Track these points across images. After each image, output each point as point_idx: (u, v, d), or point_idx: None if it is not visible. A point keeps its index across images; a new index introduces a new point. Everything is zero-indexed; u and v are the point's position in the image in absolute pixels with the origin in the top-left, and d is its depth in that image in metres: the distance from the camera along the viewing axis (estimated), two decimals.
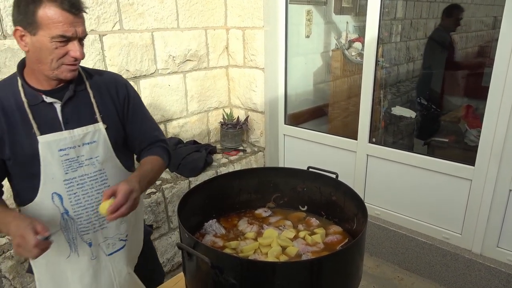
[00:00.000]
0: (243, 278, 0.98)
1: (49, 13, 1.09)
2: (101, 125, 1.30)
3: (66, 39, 1.13)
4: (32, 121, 1.20)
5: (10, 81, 1.24)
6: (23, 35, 1.14)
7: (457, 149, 3.28)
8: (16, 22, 1.15)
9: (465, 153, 3.13)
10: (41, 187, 1.23)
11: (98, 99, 1.32)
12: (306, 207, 1.51)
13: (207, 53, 3.18)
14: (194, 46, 3.05)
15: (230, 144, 3.28)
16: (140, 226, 1.54)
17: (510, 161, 2.21)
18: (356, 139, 2.88)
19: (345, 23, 3.71)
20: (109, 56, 2.53)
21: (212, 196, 1.42)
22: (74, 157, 1.25)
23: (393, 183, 2.77)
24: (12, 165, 1.24)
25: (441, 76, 3.65)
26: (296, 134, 3.28)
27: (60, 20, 1.10)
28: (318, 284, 1.00)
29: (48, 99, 1.23)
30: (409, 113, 3.49)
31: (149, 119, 1.50)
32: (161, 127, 2.59)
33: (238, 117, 3.36)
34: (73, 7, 1.12)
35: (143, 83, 2.78)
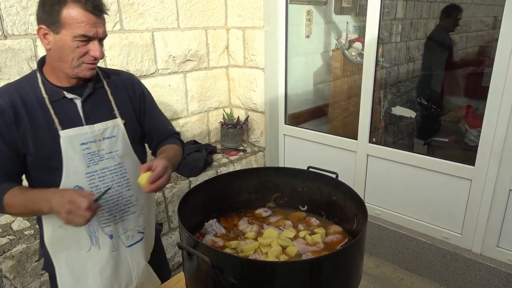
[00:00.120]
0: (243, 277, 0.98)
1: (73, 13, 1.14)
2: (119, 121, 1.35)
3: (87, 39, 1.18)
4: (53, 117, 1.24)
5: (29, 78, 1.28)
6: (47, 34, 1.19)
7: (457, 149, 3.29)
8: (40, 21, 1.19)
9: (465, 153, 3.13)
10: (63, 180, 1.26)
11: (115, 96, 1.37)
12: (306, 207, 1.51)
13: (207, 53, 3.18)
14: (194, 46, 3.05)
15: (230, 144, 3.28)
16: (152, 222, 1.57)
17: (510, 161, 2.21)
18: (356, 139, 2.88)
19: (345, 23, 3.71)
20: (109, 56, 2.53)
21: (212, 196, 1.42)
22: (95, 151, 1.29)
23: (393, 183, 2.77)
24: (33, 160, 1.26)
25: (441, 76, 3.65)
26: (296, 134, 3.28)
27: (83, 20, 1.15)
28: (318, 283, 1.00)
29: (69, 95, 1.27)
30: (409, 113, 3.50)
31: (162, 115, 1.58)
32: None
33: (238, 117, 3.36)
34: (96, 9, 1.17)
35: (143, 83, 2.77)
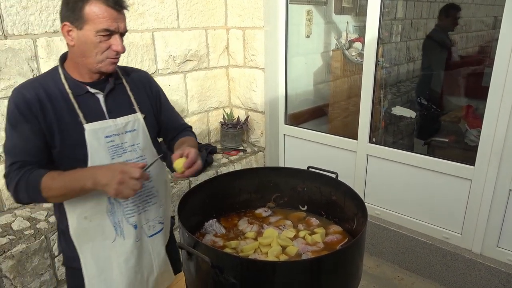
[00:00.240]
0: (243, 277, 0.98)
1: (95, 9, 1.19)
2: (139, 115, 1.40)
3: (109, 33, 1.23)
4: (78, 111, 1.28)
5: (51, 74, 1.32)
6: (70, 30, 1.23)
7: (457, 149, 3.28)
8: (64, 18, 1.24)
9: (465, 153, 3.13)
10: None
11: (134, 92, 1.42)
12: (306, 207, 1.52)
13: (207, 53, 3.18)
14: (194, 46, 3.06)
15: (230, 144, 3.28)
16: (169, 214, 1.59)
17: (510, 161, 2.21)
18: (356, 139, 2.89)
19: (345, 23, 3.71)
20: None
21: (212, 196, 1.42)
22: (119, 144, 1.34)
23: (393, 183, 2.77)
24: (58, 152, 1.29)
25: (440, 76, 3.65)
26: (296, 134, 3.29)
27: (105, 15, 1.20)
28: (317, 283, 1.01)
29: (92, 90, 1.32)
30: (409, 113, 3.49)
31: (175, 110, 1.64)
32: None
33: (238, 117, 3.36)
34: (117, 4, 1.23)
35: None
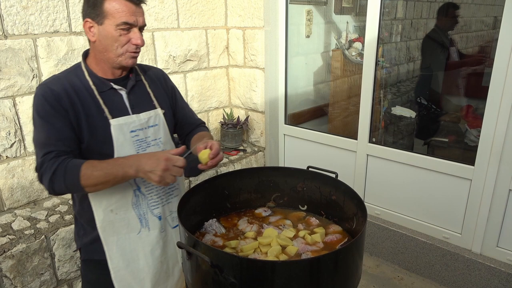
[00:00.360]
0: (243, 277, 0.98)
1: (114, 3, 1.25)
2: (159, 111, 1.45)
3: (128, 26, 1.27)
4: (103, 106, 1.32)
5: (75, 70, 1.36)
6: (91, 26, 1.28)
7: (457, 149, 3.28)
8: (85, 15, 1.29)
9: (465, 153, 3.13)
10: None
11: (152, 89, 1.47)
12: (306, 207, 1.52)
13: (207, 53, 3.18)
14: (194, 46, 3.06)
15: (230, 144, 3.28)
16: None
17: (510, 161, 2.21)
18: (356, 139, 2.89)
19: (345, 23, 3.71)
20: None
21: (212, 195, 1.43)
22: (143, 138, 1.39)
23: (393, 183, 2.77)
24: (85, 147, 1.32)
25: (439, 75, 3.65)
26: (296, 134, 3.29)
27: (124, 9, 1.25)
28: (317, 283, 1.01)
29: (116, 86, 1.37)
30: (409, 113, 3.49)
31: (189, 107, 1.69)
32: None
33: (238, 117, 3.36)
34: None
35: None
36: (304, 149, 3.26)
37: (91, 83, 1.33)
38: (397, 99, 4.04)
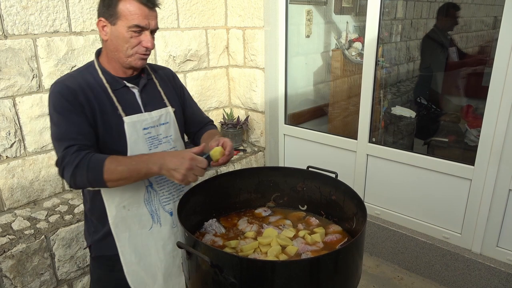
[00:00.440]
0: (243, 277, 0.98)
1: (128, 5, 1.26)
2: (170, 109, 1.47)
3: (140, 29, 1.29)
4: (117, 104, 1.34)
5: (88, 69, 1.38)
6: (105, 26, 1.31)
7: (457, 149, 3.28)
8: (100, 14, 1.32)
9: (465, 152, 3.13)
10: None
11: (163, 87, 1.50)
12: (305, 207, 1.52)
13: (207, 53, 3.18)
14: (194, 46, 3.06)
15: None
16: None
17: (509, 161, 2.21)
18: (356, 139, 2.89)
19: (345, 23, 3.71)
20: None
21: (212, 195, 1.43)
22: (155, 135, 1.41)
23: (393, 182, 2.77)
24: (100, 144, 1.34)
25: (438, 76, 3.65)
26: (296, 134, 3.29)
27: (137, 12, 1.27)
28: (317, 283, 1.01)
29: (129, 84, 1.39)
30: (409, 113, 3.49)
31: (197, 105, 1.70)
32: None
33: (238, 117, 3.36)
34: (149, 2, 1.30)
35: None
36: (304, 149, 3.26)
37: (104, 81, 1.35)
38: (397, 99, 4.04)
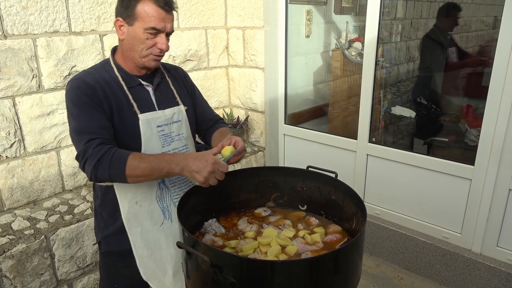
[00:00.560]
0: (243, 277, 0.98)
1: (146, 8, 1.29)
2: (182, 107, 1.50)
3: (156, 31, 1.31)
4: (132, 101, 1.37)
5: (104, 66, 1.41)
6: (122, 25, 1.34)
7: (457, 149, 3.28)
8: (118, 14, 1.35)
9: (465, 152, 3.12)
10: None
11: (175, 86, 1.53)
12: (305, 207, 1.52)
13: (207, 53, 3.18)
14: (194, 46, 3.06)
15: None
16: None
17: (509, 161, 2.21)
18: (356, 139, 2.89)
19: (345, 23, 3.71)
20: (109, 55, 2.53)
21: (212, 195, 1.42)
22: (168, 133, 1.44)
23: (393, 182, 2.77)
24: (116, 140, 1.35)
25: (437, 76, 3.65)
26: (296, 133, 3.29)
27: (154, 14, 1.29)
28: (317, 283, 1.01)
29: (144, 82, 1.42)
30: (409, 113, 3.49)
31: (208, 103, 1.74)
32: None
33: (238, 116, 3.36)
34: (167, 5, 1.32)
35: None
36: (304, 149, 3.26)
37: (120, 78, 1.37)
38: (397, 99, 4.04)
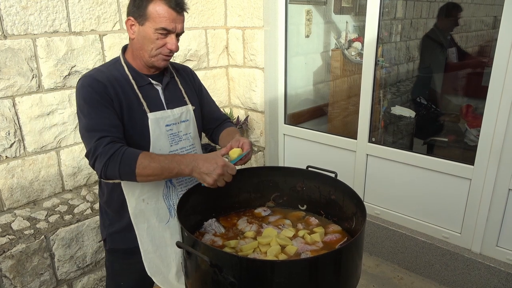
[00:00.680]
0: (242, 276, 0.98)
1: (158, 8, 1.30)
2: (190, 107, 1.52)
3: (166, 32, 1.33)
4: (142, 100, 1.38)
5: (114, 65, 1.42)
6: (133, 25, 1.35)
7: (456, 149, 3.28)
8: (129, 13, 1.36)
9: (465, 152, 3.13)
10: None
11: (184, 85, 1.55)
12: (305, 206, 1.52)
13: (207, 53, 3.18)
14: (194, 46, 3.06)
15: None
16: None
17: (509, 160, 2.21)
18: (355, 139, 2.89)
19: (344, 22, 3.71)
20: (109, 56, 2.54)
21: (211, 195, 1.42)
22: (176, 132, 1.46)
23: (393, 182, 2.77)
24: (126, 138, 1.36)
25: (438, 75, 3.65)
26: (296, 133, 3.29)
27: (165, 15, 1.30)
28: (316, 282, 1.01)
29: (153, 82, 1.43)
30: (408, 113, 3.49)
31: (215, 103, 1.73)
32: None
33: (238, 116, 3.36)
34: (178, 6, 1.33)
35: None
36: (303, 149, 3.26)
37: (130, 77, 1.39)
38: (396, 99, 4.04)
